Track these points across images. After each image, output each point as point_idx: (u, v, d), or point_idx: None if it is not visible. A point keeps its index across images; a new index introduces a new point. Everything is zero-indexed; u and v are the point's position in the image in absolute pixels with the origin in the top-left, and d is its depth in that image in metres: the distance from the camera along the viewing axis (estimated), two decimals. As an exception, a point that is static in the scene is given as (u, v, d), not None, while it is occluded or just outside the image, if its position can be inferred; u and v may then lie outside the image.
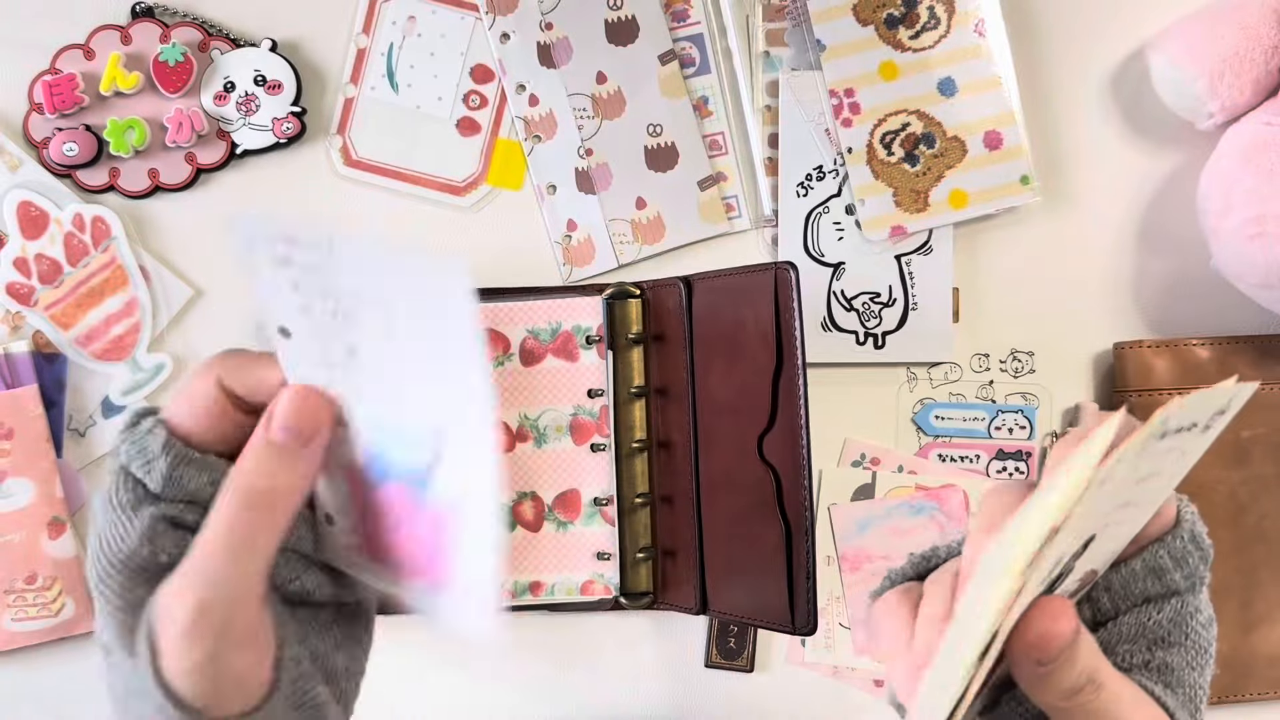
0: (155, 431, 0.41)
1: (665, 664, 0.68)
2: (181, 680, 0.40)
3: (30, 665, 0.65)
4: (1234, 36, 0.63)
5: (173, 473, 0.41)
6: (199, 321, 0.66)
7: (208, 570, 0.39)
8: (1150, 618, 0.42)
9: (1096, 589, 0.43)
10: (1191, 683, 0.42)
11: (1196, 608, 0.42)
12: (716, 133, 0.69)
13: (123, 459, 0.41)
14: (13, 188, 0.65)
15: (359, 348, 0.40)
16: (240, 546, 0.40)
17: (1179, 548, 0.41)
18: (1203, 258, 0.66)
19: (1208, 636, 0.42)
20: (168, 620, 0.39)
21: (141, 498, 0.41)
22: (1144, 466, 0.35)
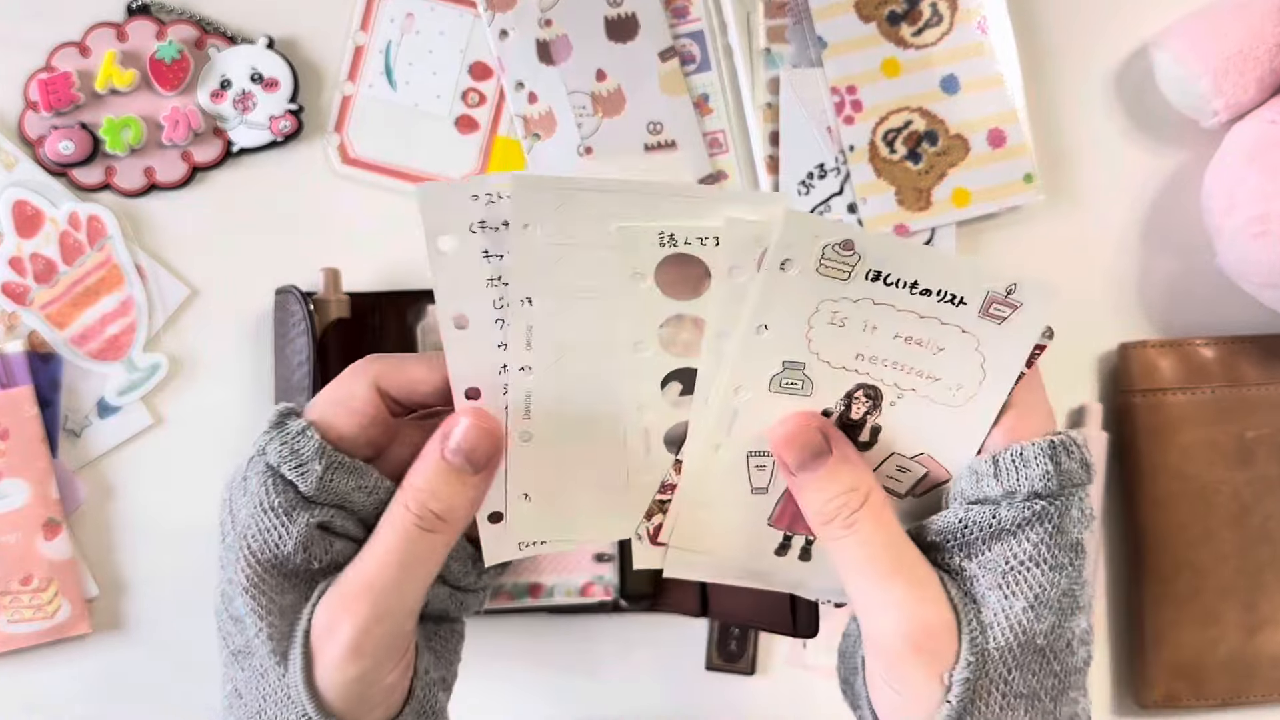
0: (308, 434, 0.40)
1: (666, 667, 0.68)
2: (335, 692, 0.40)
3: (26, 667, 0.65)
4: (1238, 34, 0.63)
5: (327, 477, 0.40)
6: (195, 321, 0.66)
7: (378, 588, 0.40)
8: (959, 517, 0.41)
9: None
10: (1000, 609, 0.39)
11: (1014, 530, 0.40)
12: (717, 130, 0.68)
13: (271, 459, 0.41)
14: (8, 186, 0.64)
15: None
16: (413, 567, 0.40)
17: (1005, 459, 0.40)
18: (1207, 257, 0.65)
19: (1036, 577, 0.39)
20: (329, 634, 0.40)
21: (294, 502, 0.40)
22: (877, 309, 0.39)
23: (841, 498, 0.40)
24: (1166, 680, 0.66)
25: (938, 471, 0.43)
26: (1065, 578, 0.40)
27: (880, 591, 0.39)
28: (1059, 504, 0.40)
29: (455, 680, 0.48)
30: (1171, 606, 0.66)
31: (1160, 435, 0.66)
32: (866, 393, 0.41)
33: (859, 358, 0.40)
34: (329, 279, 0.63)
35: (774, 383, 0.41)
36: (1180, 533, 0.66)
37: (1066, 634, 0.40)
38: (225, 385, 0.66)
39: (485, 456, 0.41)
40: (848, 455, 0.41)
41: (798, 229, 0.38)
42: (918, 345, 0.40)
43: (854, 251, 0.38)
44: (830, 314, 0.39)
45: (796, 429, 0.41)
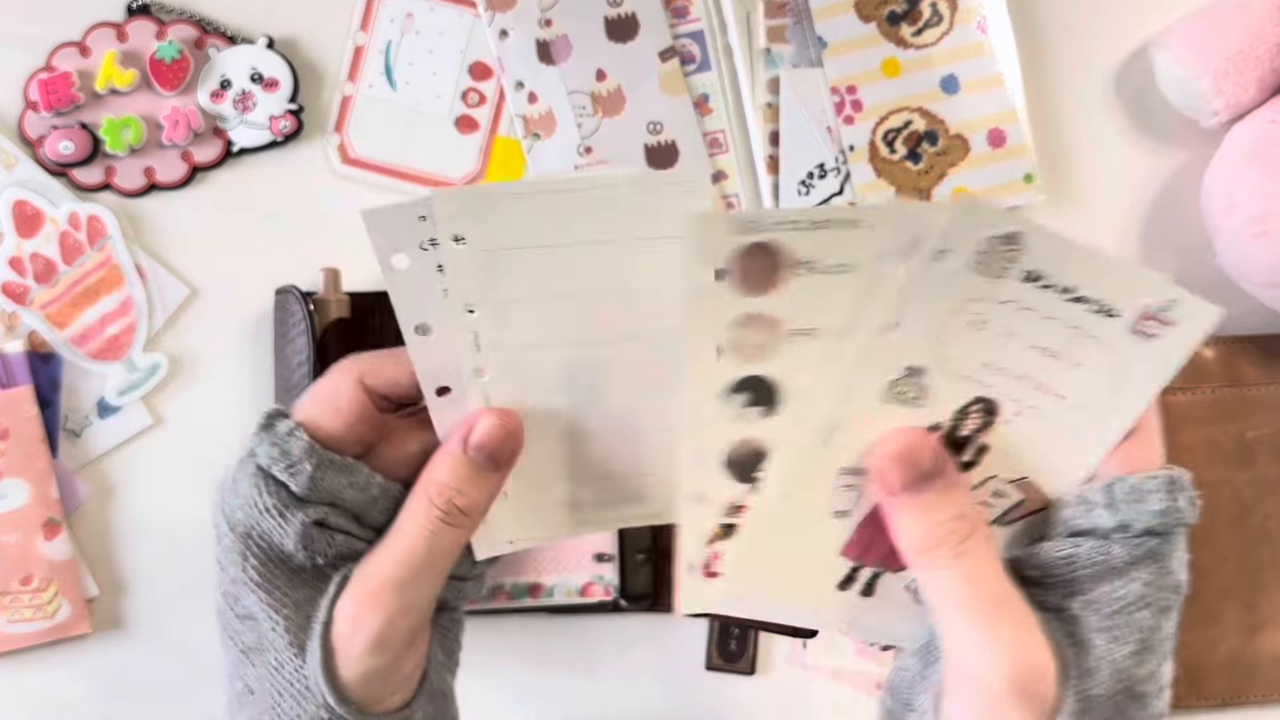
0: (296, 434, 0.41)
1: (665, 666, 0.68)
2: (355, 682, 0.41)
3: (26, 667, 0.65)
4: (1239, 34, 0.63)
5: (317, 476, 0.41)
6: (195, 321, 0.66)
7: (403, 582, 0.41)
8: (1066, 552, 0.38)
9: (1037, 520, 0.41)
10: (1106, 653, 0.38)
11: (1125, 569, 0.38)
12: (717, 130, 0.68)
13: (262, 461, 0.41)
14: (8, 186, 0.64)
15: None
16: (436, 560, 0.41)
17: (1122, 489, 0.38)
18: (1207, 256, 0.65)
19: (1145, 620, 0.38)
20: (353, 628, 0.40)
21: (288, 502, 0.41)
22: (988, 307, 0.35)
23: (949, 524, 0.38)
24: (1166, 680, 0.66)
25: (1034, 500, 0.40)
26: (1169, 621, 0.39)
27: (982, 630, 0.37)
28: (1170, 543, 0.38)
29: (458, 663, 0.49)
30: (1171, 606, 0.66)
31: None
32: (984, 407, 0.38)
33: (986, 366, 0.37)
34: (329, 279, 0.63)
35: (890, 391, 0.37)
36: (1180, 533, 0.66)
37: (1161, 679, 0.39)
38: (225, 385, 0.66)
39: (508, 454, 0.42)
40: (958, 481, 0.39)
41: (971, 220, 0.34)
42: (1053, 358, 0.37)
43: (1018, 246, 0.34)
44: (972, 314, 0.36)
45: (910, 445, 0.38)
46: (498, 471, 0.42)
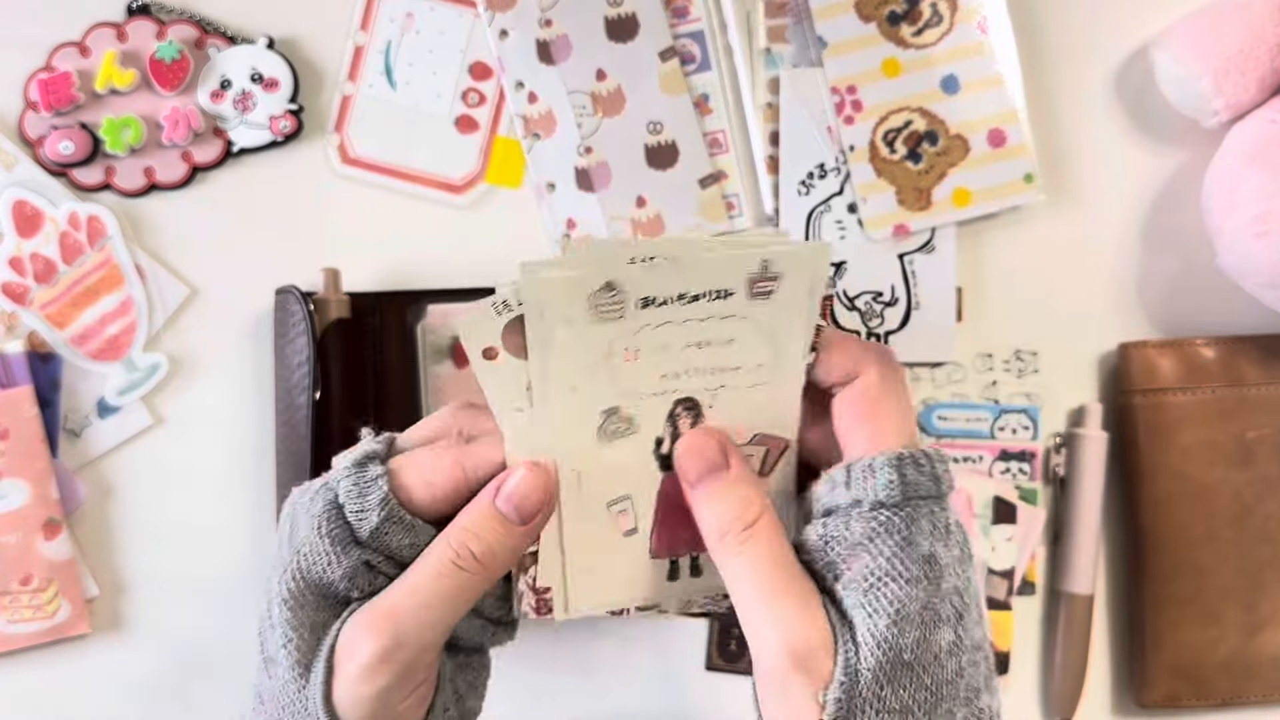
0: (378, 483, 0.42)
1: (665, 667, 0.68)
2: (349, 710, 0.41)
3: (25, 667, 0.65)
4: (1239, 34, 0.63)
5: (382, 528, 0.42)
6: (195, 321, 0.66)
7: (404, 616, 0.41)
8: (819, 532, 0.42)
9: (806, 500, 0.44)
10: (867, 626, 0.40)
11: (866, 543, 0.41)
12: (717, 130, 0.68)
13: (340, 496, 0.43)
14: (8, 186, 0.64)
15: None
16: (443, 601, 0.42)
17: (857, 469, 0.41)
18: (1208, 257, 0.65)
19: (894, 592, 0.40)
20: (349, 652, 0.41)
21: (348, 539, 0.42)
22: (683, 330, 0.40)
23: (737, 508, 0.42)
24: (1167, 680, 0.66)
25: (776, 443, 0.45)
26: (922, 590, 0.40)
27: (768, 608, 0.40)
28: (904, 514, 0.40)
29: (479, 715, 0.49)
30: (1172, 607, 0.66)
31: (1160, 435, 0.66)
32: (685, 406, 0.43)
33: (664, 378, 0.42)
34: (329, 279, 0.63)
35: (600, 434, 0.42)
36: (1180, 533, 0.66)
37: (933, 647, 0.40)
38: (225, 385, 0.66)
39: (534, 508, 0.43)
40: (743, 473, 0.43)
41: (557, 293, 0.39)
42: (709, 346, 0.41)
43: (616, 289, 0.39)
44: (622, 351, 0.41)
45: (698, 442, 0.43)
46: (523, 525, 0.43)
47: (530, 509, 0.43)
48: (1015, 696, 0.69)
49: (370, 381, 0.63)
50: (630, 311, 0.39)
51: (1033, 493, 0.68)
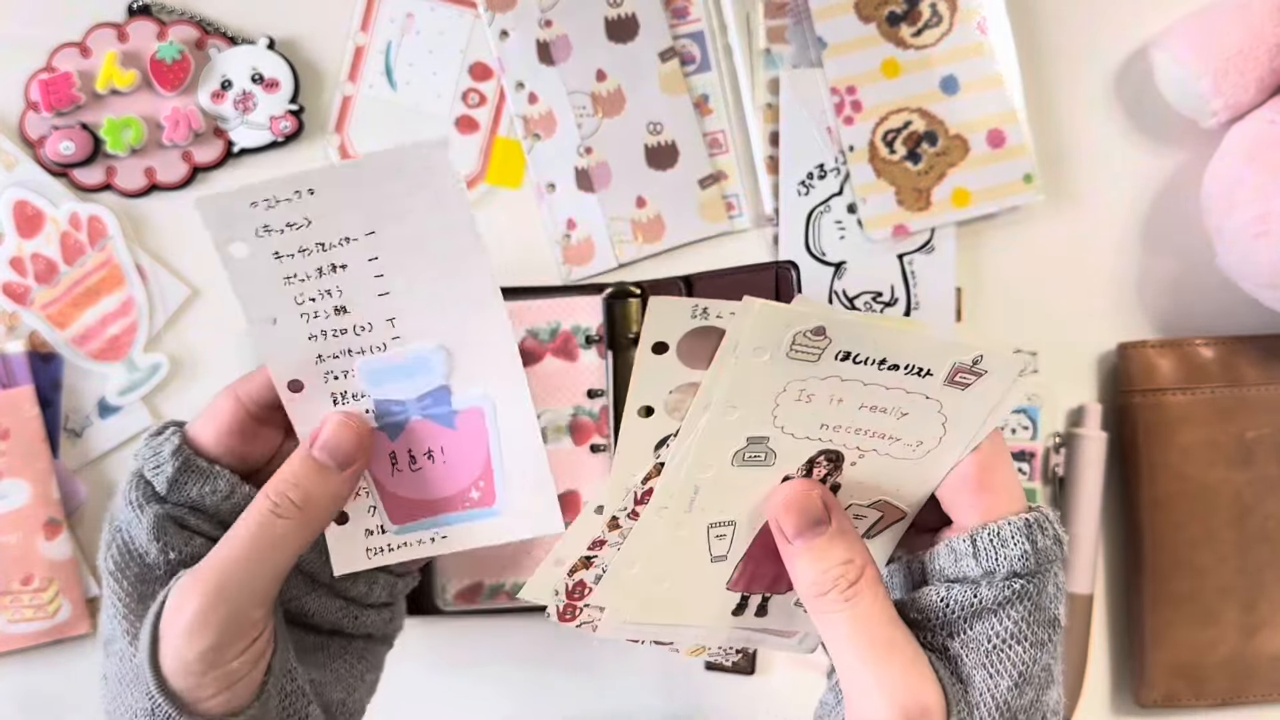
0: (169, 438, 0.44)
1: (665, 666, 0.68)
2: (177, 671, 0.41)
3: (26, 667, 0.65)
4: (1238, 34, 0.63)
5: (178, 478, 0.43)
6: (196, 321, 0.66)
7: (225, 568, 0.41)
8: (941, 596, 0.41)
9: (914, 563, 0.44)
10: (986, 687, 0.40)
11: (996, 609, 0.40)
12: (717, 131, 0.68)
13: (138, 462, 0.44)
14: (9, 186, 0.64)
15: (348, 296, 0.41)
16: (263, 550, 0.42)
17: (984, 538, 0.41)
18: (1207, 257, 0.65)
19: (1019, 655, 0.40)
20: (176, 611, 0.41)
21: (149, 496, 0.43)
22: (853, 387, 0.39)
23: (839, 568, 0.41)
24: (1166, 680, 0.66)
25: (893, 513, 0.44)
26: (1045, 653, 0.41)
27: (874, 669, 0.40)
28: (1037, 582, 0.41)
29: (362, 708, 0.49)
30: (1171, 606, 0.66)
31: (1160, 435, 0.66)
32: (828, 457, 0.42)
33: (823, 427, 0.41)
34: (329, 279, 0.63)
35: (737, 457, 0.41)
36: (1180, 533, 0.66)
37: (1043, 707, 0.41)
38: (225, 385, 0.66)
39: (350, 453, 0.43)
40: (845, 527, 0.42)
41: (769, 321, 0.38)
42: (881, 412, 0.40)
43: (825, 336, 0.38)
44: (798, 392, 0.39)
45: (797, 496, 0.41)
46: (343, 471, 0.43)
47: (346, 454, 0.43)
48: (1015, 696, 0.69)
49: (370, 381, 0.63)
50: (826, 359, 0.38)
51: (1032, 492, 0.68)
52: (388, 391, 0.43)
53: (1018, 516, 0.41)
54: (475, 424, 0.43)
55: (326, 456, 0.43)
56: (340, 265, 0.41)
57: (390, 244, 0.41)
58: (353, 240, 0.41)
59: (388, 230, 0.40)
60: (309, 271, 0.41)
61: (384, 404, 0.43)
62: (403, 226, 0.40)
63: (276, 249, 0.41)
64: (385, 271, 0.41)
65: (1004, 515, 0.41)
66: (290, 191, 0.40)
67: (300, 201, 0.40)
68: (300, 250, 0.41)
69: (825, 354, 0.38)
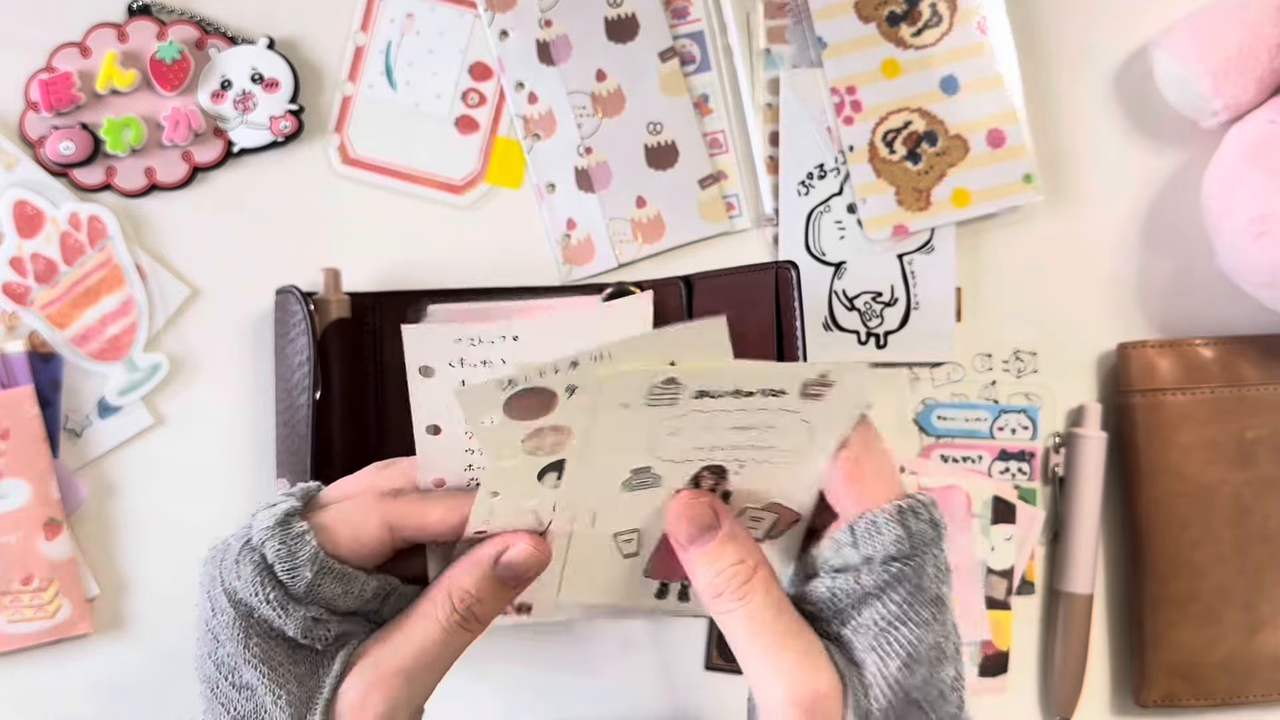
0: (306, 539, 0.43)
1: (665, 666, 0.68)
2: None
3: (26, 667, 0.65)
4: (1238, 34, 0.63)
5: (315, 582, 0.43)
6: (196, 321, 0.66)
7: (413, 674, 0.44)
8: (827, 585, 0.43)
9: (806, 557, 0.45)
10: (878, 669, 0.41)
11: (878, 593, 0.42)
12: (717, 131, 0.68)
13: (269, 556, 0.43)
14: (8, 186, 0.64)
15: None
16: (446, 658, 0.45)
17: (861, 527, 0.42)
18: (1207, 257, 0.65)
19: (906, 635, 0.41)
20: (362, 710, 0.43)
21: (286, 600, 0.43)
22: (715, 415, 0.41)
23: (731, 569, 0.43)
24: (1165, 680, 0.66)
25: (788, 514, 0.46)
26: (932, 632, 0.42)
27: (770, 661, 0.41)
28: (914, 564, 0.42)
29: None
30: (1171, 606, 0.66)
31: (1160, 435, 0.66)
32: (711, 470, 0.44)
33: (699, 449, 0.43)
34: (329, 279, 0.63)
35: (625, 485, 0.43)
36: (1180, 533, 0.66)
37: (938, 684, 0.42)
38: (226, 385, 0.66)
39: (531, 576, 0.45)
40: (735, 531, 0.44)
41: (625, 380, 0.39)
42: (750, 429, 0.42)
43: (676, 384, 0.39)
44: (666, 428, 0.41)
45: (686, 505, 0.44)
46: (516, 590, 0.45)
47: (529, 577, 0.45)
48: (1014, 696, 0.69)
49: (370, 381, 0.63)
50: (684, 400, 0.40)
51: (1032, 492, 0.68)
52: None
53: (891, 504, 0.42)
54: None
55: (510, 575, 0.44)
56: None
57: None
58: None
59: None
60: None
61: None
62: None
63: (465, 378, 0.44)
64: None
65: (879, 503, 0.42)
66: (496, 336, 0.43)
67: (501, 345, 0.43)
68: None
69: (682, 396, 0.40)
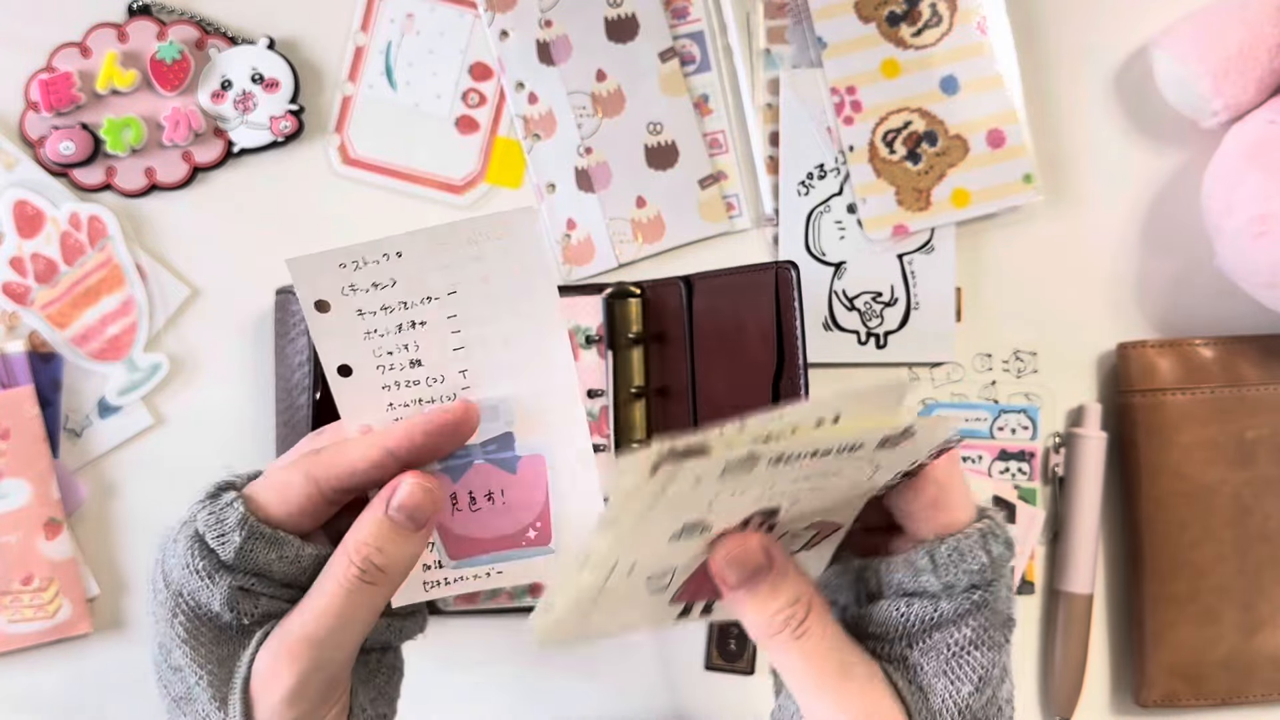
0: (234, 505, 0.43)
1: (665, 666, 0.68)
2: None
3: (26, 667, 0.65)
4: (1238, 34, 0.63)
5: (245, 546, 0.43)
6: (196, 321, 0.66)
7: (320, 637, 0.42)
8: (900, 610, 0.42)
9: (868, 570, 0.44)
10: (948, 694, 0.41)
11: (956, 620, 0.41)
12: (717, 131, 0.68)
13: (200, 527, 0.43)
14: (9, 186, 0.64)
15: (424, 351, 0.43)
16: (352, 617, 0.42)
17: (942, 553, 0.41)
18: (1207, 257, 0.65)
19: (979, 659, 0.41)
20: (271, 680, 0.42)
21: (216, 566, 0.43)
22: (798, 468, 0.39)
23: (788, 610, 0.41)
24: (1165, 680, 0.66)
25: (829, 526, 0.44)
26: (1003, 654, 0.42)
27: (832, 696, 0.41)
28: (993, 589, 0.41)
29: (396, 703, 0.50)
30: (1171, 606, 0.66)
31: (1160, 435, 0.66)
32: (763, 515, 0.42)
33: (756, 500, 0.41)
34: (329, 279, 0.63)
35: (673, 537, 0.41)
36: (1180, 532, 0.66)
37: (998, 701, 0.42)
38: (226, 385, 0.66)
39: (426, 514, 0.43)
40: (788, 569, 0.42)
41: (704, 468, 0.37)
42: (817, 476, 0.41)
43: (753, 461, 0.38)
44: (731, 489, 0.39)
45: (736, 550, 0.42)
46: (418, 531, 0.43)
47: (423, 515, 0.43)
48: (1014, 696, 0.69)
49: (371, 381, 0.63)
50: (761, 469, 0.38)
51: (1032, 492, 0.68)
52: None
53: (973, 528, 0.41)
54: (536, 469, 0.45)
55: (404, 518, 0.43)
56: (420, 322, 0.43)
57: (470, 303, 0.43)
58: (434, 299, 0.42)
59: (470, 290, 0.42)
60: (389, 328, 0.43)
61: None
62: (485, 287, 0.42)
63: (360, 306, 0.42)
64: (462, 328, 0.43)
65: (959, 527, 0.42)
66: (379, 254, 0.42)
67: (387, 263, 0.42)
68: (383, 308, 0.42)
69: (759, 467, 0.38)
